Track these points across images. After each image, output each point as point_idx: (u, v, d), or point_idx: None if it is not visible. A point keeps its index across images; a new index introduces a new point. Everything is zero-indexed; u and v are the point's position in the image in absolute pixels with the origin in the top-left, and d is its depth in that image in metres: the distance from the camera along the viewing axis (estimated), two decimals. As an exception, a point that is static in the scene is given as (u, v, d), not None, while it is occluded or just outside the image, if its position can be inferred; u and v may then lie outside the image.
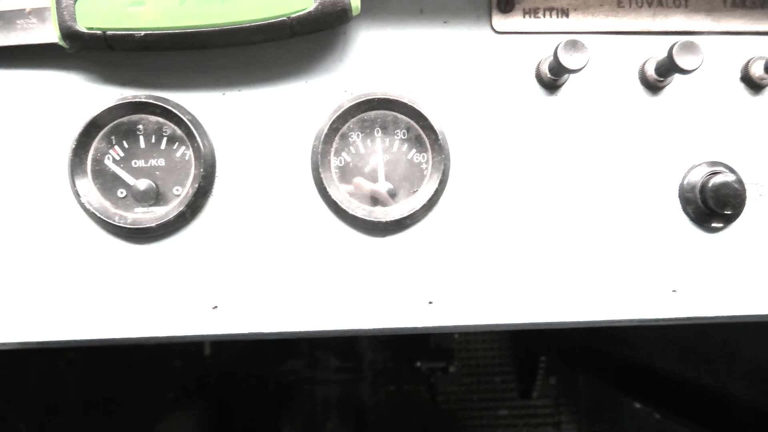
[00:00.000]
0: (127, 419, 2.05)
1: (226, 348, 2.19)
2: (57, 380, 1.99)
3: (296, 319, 0.66)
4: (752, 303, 0.69)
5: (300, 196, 0.66)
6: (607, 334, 2.04)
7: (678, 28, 0.71)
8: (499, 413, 2.48)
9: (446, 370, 2.42)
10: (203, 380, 2.21)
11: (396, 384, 2.41)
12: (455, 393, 2.47)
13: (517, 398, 2.49)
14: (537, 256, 0.68)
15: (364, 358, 2.37)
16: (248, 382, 2.24)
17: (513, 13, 0.69)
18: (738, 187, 0.67)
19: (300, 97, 0.67)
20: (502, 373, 2.47)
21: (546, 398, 2.50)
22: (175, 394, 2.19)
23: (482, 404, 2.50)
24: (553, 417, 2.50)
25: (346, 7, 0.61)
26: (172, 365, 2.18)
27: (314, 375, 2.32)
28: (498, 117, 0.69)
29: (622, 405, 2.20)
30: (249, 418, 2.18)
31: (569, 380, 2.54)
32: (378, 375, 2.38)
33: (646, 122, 0.70)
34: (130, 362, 2.06)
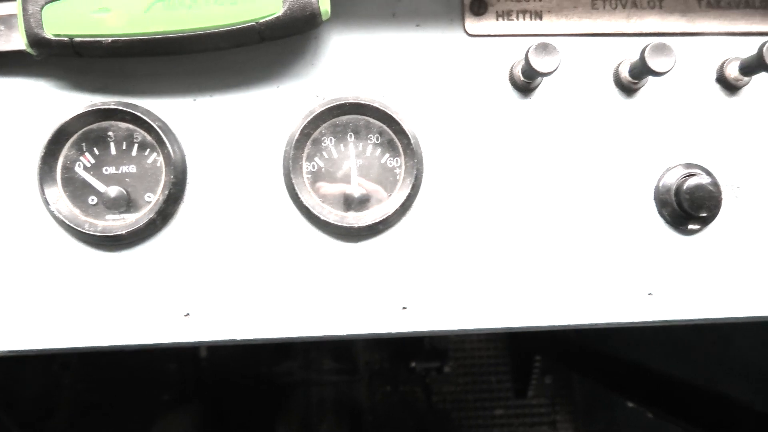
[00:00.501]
0: (123, 422, 2.05)
1: (221, 350, 2.18)
2: (53, 383, 1.99)
3: (268, 325, 0.65)
4: (728, 305, 0.69)
5: (272, 202, 0.66)
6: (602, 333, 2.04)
7: (652, 30, 0.70)
8: (495, 413, 2.48)
9: (441, 371, 2.41)
10: (199, 382, 2.21)
11: (392, 384, 2.41)
12: (451, 393, 2.47)
13: (513, 398, 2.49)
14: (511, 261, 0.68)
15: (359, 359, 2.37)
16: (243, 384, 2.24)
17: (486, 16, 0.69)
18: (713, 189, 0.66)
19: (272, 102, 0.67)
20: (497, 373, 2.47)
21: (541, 397, 2.50)
22: (171, 397, 2.19)
23: (478, 404, 2.49)
24: (549, 416, 2.49)
25: (315, 12, 0.61)
26: (168, 367, 2.17)
27: (309, 376, 2.32)
28: (472, 120, 0.68)
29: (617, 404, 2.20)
30: (244, 419, 2.18)
31: (564, 379, 2.54)
32: (374, 376, 2.38)
33: (621, 124, 0.70)
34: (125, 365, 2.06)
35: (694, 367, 1.65)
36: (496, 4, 0.69)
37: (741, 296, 0.69)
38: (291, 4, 0.60)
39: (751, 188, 0.70)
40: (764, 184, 0.70)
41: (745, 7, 0.71)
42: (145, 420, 2.08)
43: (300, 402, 2.33)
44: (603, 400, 2.38)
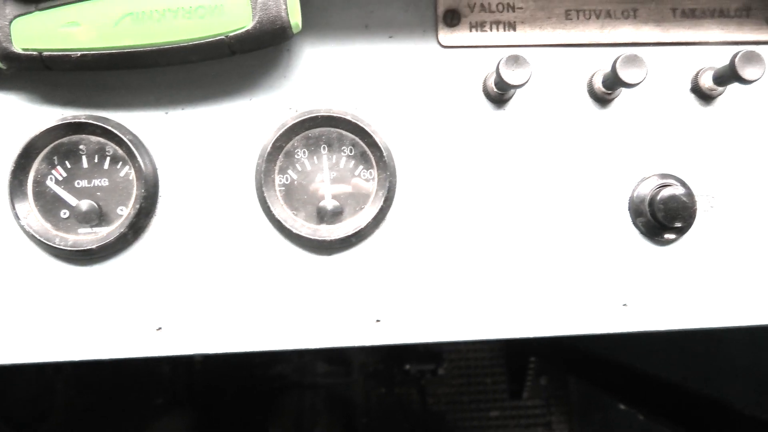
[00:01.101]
0: (116, 426, 2.04)
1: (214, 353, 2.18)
2: (46, 387, 1.99)
3: (240, 338, 0.65)
4: (702, 315, 0.69)
5: (244, 215, 0.66)
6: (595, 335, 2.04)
7: (627, 40, 0.70)
8: (490, 414, 2.47)
9: (435, 372, 2.41)
10: (192, 386, 2.20)
11: (387, 386, 2.41)
12: (446, 395, 2.47)
13: (508, 399, 2.49)
14: (486, 272, 0.68)
15: (353, 362, 2.37)
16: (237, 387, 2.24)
17: (459, 27, 0.69)
18: (686, 200, 0.66)
19: (244, 114, 0.66)
20: (492, 374, 2.47)
21: (537, 399, 2.50)
22: (164, 400, 2.19)
23: (473, 405, 2.49)
24: (544, 417, 2.49)
25: (285, 25, 0.61)
26: (161, 371, 2.17)
27: (303, 379, 2.32)
28: (446, 132, 0.68)
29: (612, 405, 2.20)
30: (237, 423, 2.18)
31: (560, 380, 2.53)
32: (368, 378, 2.38)
33: (596, 135, 0.69)
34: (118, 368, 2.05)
35: (684, 369, 1.65)
36: (469, 15, 0.69)
37: (715, 306, 0.69)
38: (261, 18, 0.60)
39: (726, 198, 0.70)
40: (739, 195, 0.70)
41: (719, 17, 0.71)
42: (138, 424, 2.07)
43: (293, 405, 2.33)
44: (598, 402, 2.38)
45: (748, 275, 0.70)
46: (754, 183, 0.70)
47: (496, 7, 0.69)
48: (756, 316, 0.70)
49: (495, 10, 0.69)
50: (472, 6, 0.69)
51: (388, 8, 0.68)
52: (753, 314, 0.70)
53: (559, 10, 0.70)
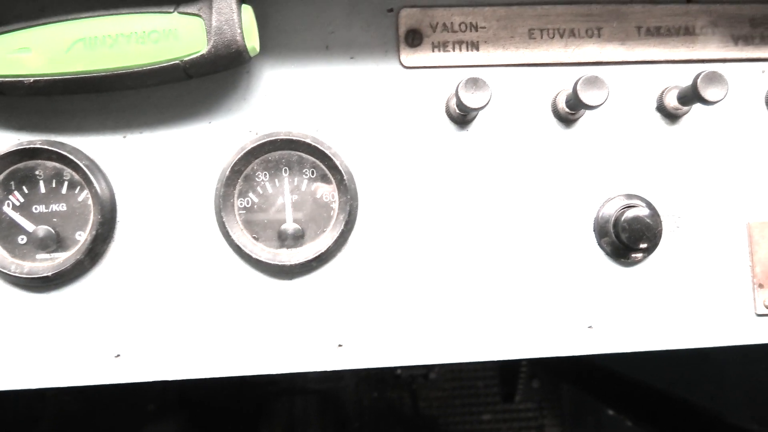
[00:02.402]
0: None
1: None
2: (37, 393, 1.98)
3: (201, 364, 0.64)
4: (668, 337, 0.68)
5: (204, 241, 0.65)
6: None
7: (591, 59, 0.69)
8: (483, 418, 2.47)
9: (427, 376, 2.41)
10: (183, 392, 2.20)
11: (379, 391, 2.40)
12: (438, 399, 2.46)
13: (500, 402, 2.48)
14: (449, 294, 0.67)
15: (345, 366, 2.35)
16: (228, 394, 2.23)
17: (421, 48, 0.68)
18: (651, 221, 0.65)
19: (204, 138, 0.66)
20: (484, 378, 2.46)
21: (529, 402, 2.49)
22: (156, 407, 2.18)
23: (465, 409, 2.48)
24: (537, 420, 2.49)
25: (240, 49, 0.60)
26: (153, 378, 2.16)
27: (294, 384, 2.31)
28: (409, 154, 0.67)
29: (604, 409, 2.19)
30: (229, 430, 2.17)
31: (552, 384, 2.53)
32: (360, 382, 2.37)
33: (561, 155, 0.69)
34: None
35: (670, 378, 1.64)
36: (431, 35, 0.68)
37: (682, 327, 0.69)
38: (215, 42, 0.60)
39: (693, 218, 0.69)
40: (706, 214, 0.70)
41: (685, 35, 0.71)
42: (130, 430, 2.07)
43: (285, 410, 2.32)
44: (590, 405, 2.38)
45: (715, 295, 0.69)
46: (721, 202, 0.70)
47: (458, 26, 0.68)
48: (723, 337, 0.69)
49: (458, 29, 0.68)
50: (435, 26, 0.68)
51: (348, 29, 0.67)
52: (720, 335, 0.69)
53: (523, 30, 0.69)
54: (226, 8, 0.60)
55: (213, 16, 0.59)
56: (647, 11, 0.70)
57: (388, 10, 0.68)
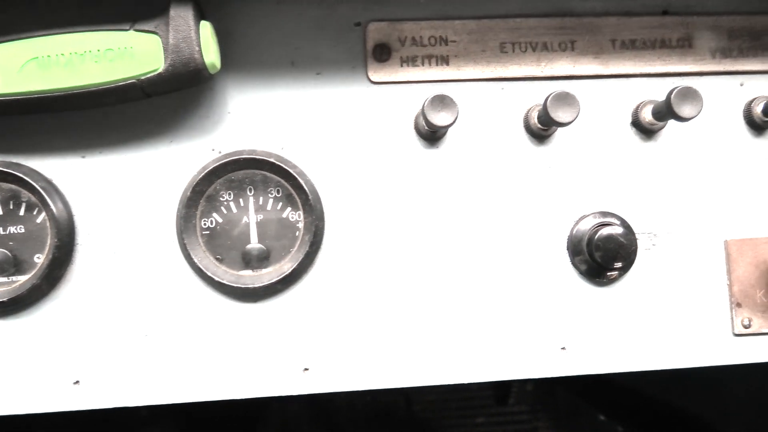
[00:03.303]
0: (100, 438, 2.02)
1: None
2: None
3: (162, 390, 0.63)
4: (643, 358, 0.67)
5: (166, 264, 0.63)
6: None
7: (564, 73, 0.68)
8: (477, 420, 2.45)
9: (420, 380, 2.39)
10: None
11: (372, 394, 2.38)
12: (432, 402, 2.44)
13: (494, 405, 2.47)
14: (418, 316, 0.65)
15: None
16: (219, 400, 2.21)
17: (390, 62, 0.66)
18: (624, 240, 0.64)
19: (165, 157, 0.64)
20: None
21: (523, 405, 2.47)
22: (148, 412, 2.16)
23: (459, 412, 2.47)
24: (530, 423, 2.47)
25: (199, 67, 0.58)
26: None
27: (286, 389, 2.29)
28: (377, 172, 0.66)
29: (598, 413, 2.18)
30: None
31: (546, 386, 2.52)
32: (353, 385, 2.35)
33: (534, 172, 0.67)
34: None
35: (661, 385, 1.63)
36: (400, 49, 0.66)
37: (657, 348, 0.67)
38: (173, 60, 0.58)
39: (669, 236, 0.68)
40: (682, 232, 0.68)
41: (661, 47, 0.69)
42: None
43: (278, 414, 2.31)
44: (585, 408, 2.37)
45: (692, 315, 0.67)
46: (698, 220, 0.68)
47: (428, 40, 0.67)
48: (700, 358, 0.67)
49: (427, 43, 0.67)
50: (403, 40, 0.66)
51: (314, 44, 0.65)
52: (697, 355, 0.67)
53: (494, 43, 0.67)
54: (183, 25, 0.58)
55: (170, 34, 0.58)
56: (622, 24, 0.68)
57: (355, 24, 0.66)
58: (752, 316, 0.68)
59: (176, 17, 0.58)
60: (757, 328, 0.68)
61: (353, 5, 0.66)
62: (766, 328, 0.68)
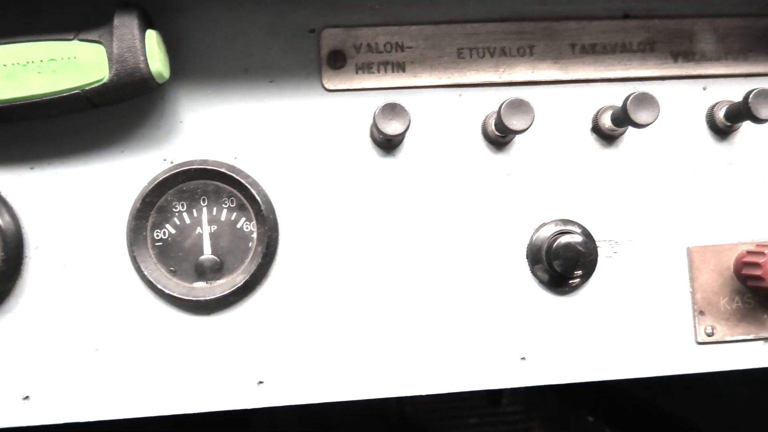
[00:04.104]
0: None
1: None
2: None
3: (114, 404, 0.62)
4: (604, 367, 0.66)
5: (118, 276, 0.62)
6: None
7: (523, 79, 0.66)
8: (470, 421, 2.44)
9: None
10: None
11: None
12: (424, 403, 2.43)
13: (487, 406, 2.46)
14: (376, 327, 0.64)
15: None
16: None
17: (345, 70, 0.65)
18: (582, 249, 0.63)
19: (116, 168, 0.63)
20: (470, 381, 2.44)
21: (516, 405, 2.47)
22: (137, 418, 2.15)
23: (452, 413, 2.46)
24: (524, 423, 2.46)
25: (145, 77, 0.57)
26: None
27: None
28: (332, 181, 0.65)
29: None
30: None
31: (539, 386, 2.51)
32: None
33: (492, 180, 0.66)
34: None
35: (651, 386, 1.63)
36: (355, 56, 0.65)
37: (619, 357, 0.66)
38: (117, 70, 0.57)
39: (631, 243, 0.67)
40: (644, 239, 0.67)
41: (621, 52, 0.68)
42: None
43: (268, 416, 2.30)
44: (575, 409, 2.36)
45: (654, 323, 0.66)
46: (660, 226, 0.67)
47: (383, 46, 0.66)
48: (663, 367, 0.66)
49: (383, 50, 0.66)
50: (358, 47, 0.65)
51: (268, 51, 0.64)
52: (660, 364, 0.66)
53: (451, 49, 0.66)
54: (127, 34, 0.57)
55: (114, 43, 0.57)
56: (582, 28, 0.67)
57: (309, 31, 0.65)
58: (715, 324, 0.67)
59: (120, 26, 0.57)
60: (720, 336, 0.67)
61: (307, 11, 0.65)
62: (730, 336, 0.67)
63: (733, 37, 0.69)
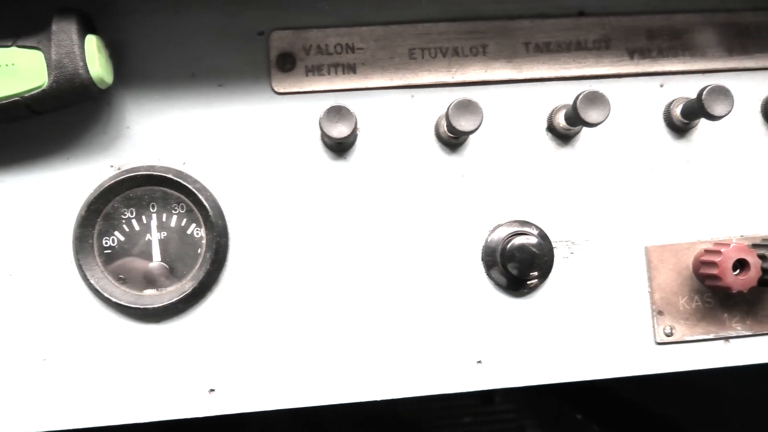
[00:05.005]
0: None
1: None
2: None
3: (62, 415, 0.61)
4: (562, 369, 0.65)
5: (65, 286, 0.61)
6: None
7: (476, 79, 0.66)
8: (463, 420, 2.43)
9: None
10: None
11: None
12: (417, 402, 2.41)
13: (480, 404, 2.45)
14: (330, 333, 0.63)
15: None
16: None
17: (294, 72, 0.64)
18: (536, 250, 0.62)
19: (62, 176, 0.62)
20: (462, 380, 2.43)
21: (509, 403, 2.46)
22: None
23: (445, 412, 2.45)
24: (517, 422, 2.46)
25: (85, 83, 0.56)
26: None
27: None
28: (284, 186, 0.64)
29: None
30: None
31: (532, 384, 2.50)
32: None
33: (446, 182, 0.65)
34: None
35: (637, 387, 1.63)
36: (305, 58, 0.64)
37: (578, 358, 0.65)
38: (57, 76, 0.56)
39: (588, 244, 0.66)
40: (601, 239, 0.66)
41: (576, 50, 0.67)
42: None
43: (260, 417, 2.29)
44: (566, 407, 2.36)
45: (613, 324, 0.66)
46: (617, 226, 0.66)
47: (334, 48, 0.65)
48: (622, 368, 0.66)
49: (333, 51, 0.65)
50: (308, 48, 0.64)
51: (216, 54, 0.63)
52: (618, 365, 0.66)
53: (403, 50, 0.65)
54: (66, 40, 0.56)
55: (53, 49, 0.56)
56: (535, 26, 0.66)
57: (258, 34, 0.64)
58: (674, 324, 0.66)
59: (59, 32, 0.56)
60: (680, 336, 0.66)
61: (256, 13, 0.64)
62: (690, 335, 0.66)
63: (690, 33, 0.68)
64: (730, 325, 0.67)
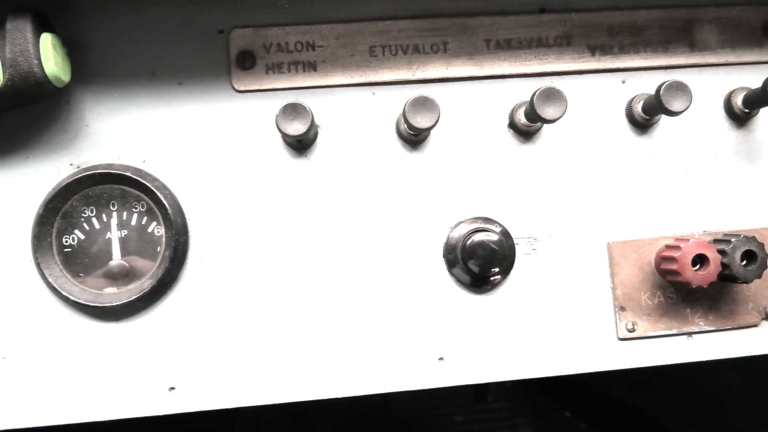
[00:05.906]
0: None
1: None
2: None
3: (21, 413, 0.61)
4: (524, 365, 0.65)
5: (24, 284, 0.61)
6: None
7: (437, 76, 0.66)
8: (456, 419, 2.43)
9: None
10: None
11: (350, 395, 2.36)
12: (409, 401, 2.42)
13: (473, 403, 2.45)
14: (289, 330, 0.63)
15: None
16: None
17: (255, 70, 0.64)
18: (496, 246, 0.62)
19: (21, 174, 0.62)
20: (455, 379, 2.43)
21: (502, 402, 2.46)
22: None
23: (438, 411, 2.45)
24: (510, 420, 2.46)
25: (40, 81, 0.56)
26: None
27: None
28: (244, 183, 0.64)
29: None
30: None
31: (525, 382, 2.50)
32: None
33: (408, 179, 0.65)
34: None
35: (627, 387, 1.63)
36: (265, 56, 0.64)
37: (540, 355, 0.65)
38: (11, 75, 0.56)
39: (550, 240, 0.66)
40: (563, 235, 0.66)
41: (537, 47, 0.67)
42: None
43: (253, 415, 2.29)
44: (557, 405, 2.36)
45: (575, 320, 0.66)
46: (579, 222, 0.66)
47: (294, 46, 0.65)
48: (584, 363, 0.66)
49: (293, 49, 0.65)
50: (268, 46, 0.64)
51: (176, 53, 0.63)
52: (581, 361, 0.66)
53: (363, 47, 0.65)
54: (20, 38, 0.56)
55: (6, 47, 0.56)
56: (496, 23, 0.67)
57: (218, 32, 0.64)
58: (637, 319, 0.66)
59: (13, 30, 0.56)
60: (642, 332, 0.66)
61: (216, 12, 0.64)
62: (652, 331, 0.66)
63: (651, 29, 0.68)
64: (692, 321, 0.67)
